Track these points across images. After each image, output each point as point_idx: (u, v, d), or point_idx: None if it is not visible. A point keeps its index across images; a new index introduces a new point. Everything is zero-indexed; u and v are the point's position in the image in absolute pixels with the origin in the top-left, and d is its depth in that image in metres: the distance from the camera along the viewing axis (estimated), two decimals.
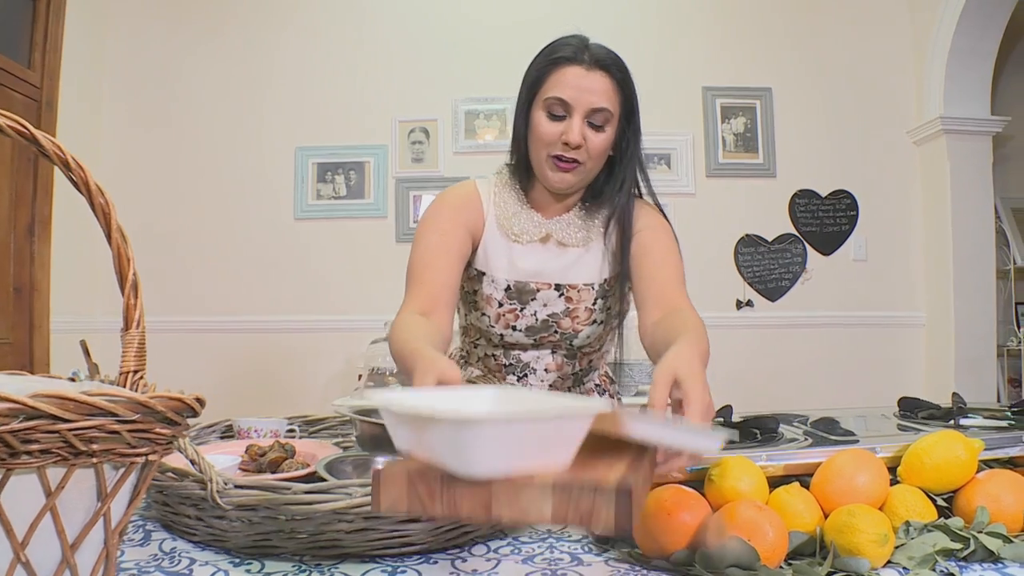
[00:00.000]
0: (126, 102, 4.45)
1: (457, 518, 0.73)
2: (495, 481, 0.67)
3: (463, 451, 0.65)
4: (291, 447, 1.25)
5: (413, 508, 0.70)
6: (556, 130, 1.48)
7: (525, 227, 1.60)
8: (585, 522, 0.66)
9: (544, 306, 1.61)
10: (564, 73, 1.49)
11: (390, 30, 4.45)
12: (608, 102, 1.48)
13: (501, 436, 0.66)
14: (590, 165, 1.52)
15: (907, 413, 1.40)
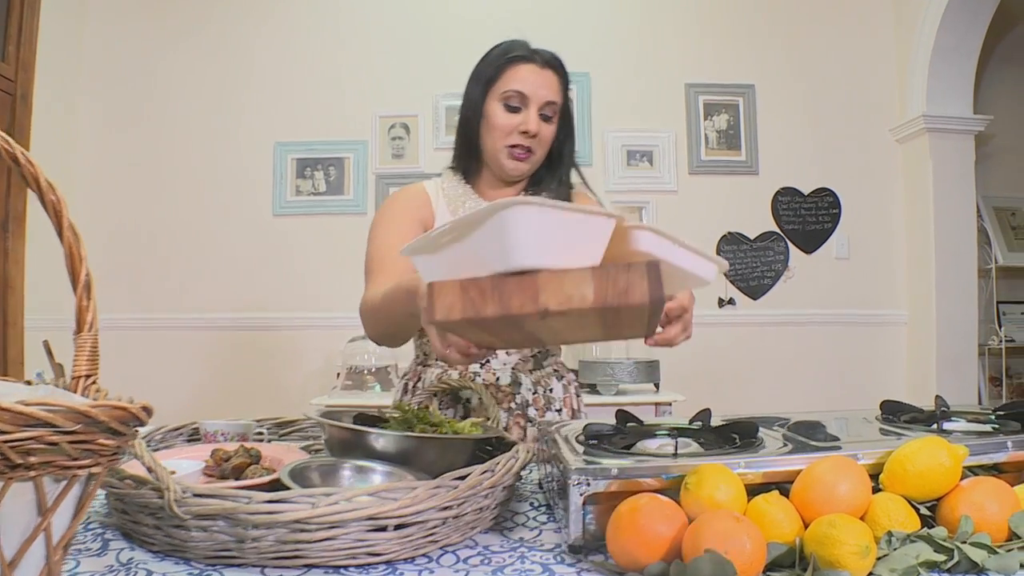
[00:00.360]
0: (103, 96, 4.40)
1: (508, 313, 0.76)
2: (540, 273, 0.74)
3: (509, 239, 0.72)
4: (256, 452, 1.21)
5: (467, 311, 0.77)
6: (514, 121, 1.67)
7: None
8: (623, 298, 0.74)
9: None
10: (520, 69, 1.68)
11: (370, 25, 4.40)
12: (557, 96, 1.70)
13: (539, 222, 0.72)
14: (540, 153, 1.72)
15: (889, 416, 1.38)
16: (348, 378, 3.66)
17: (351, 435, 1.19)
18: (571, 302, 0.75)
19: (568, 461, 1.02)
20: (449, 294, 0.78)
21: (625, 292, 0.74)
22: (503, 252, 0.73)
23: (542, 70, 1.68)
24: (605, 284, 0.75)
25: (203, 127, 4.39)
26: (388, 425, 1.28)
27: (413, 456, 1.17)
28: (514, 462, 1.12)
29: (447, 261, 0.81)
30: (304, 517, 0.90)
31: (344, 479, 1.12)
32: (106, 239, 4.30)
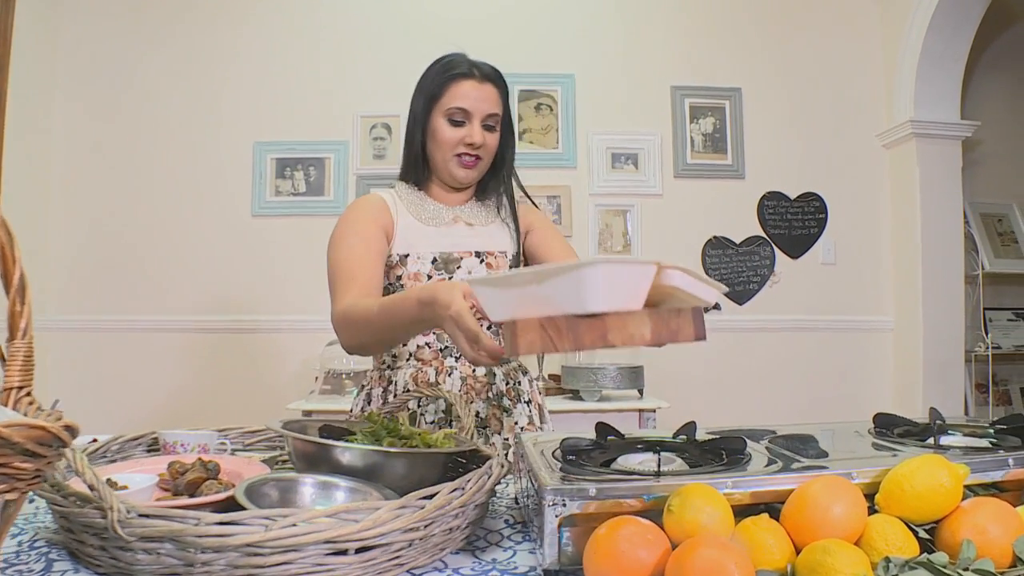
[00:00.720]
0: (79, 94, 4.31)
1: (581, 348, 0.89)
2: (607, 315, 0.88)
3: (587, 291, 0.85)
4: (215, 465, 1.14)
5: (545, 347, 0.89)
6: (459, 135, 1.76)
7: (436, 213, 1.84)
8: (673, 337, 0.92)
9: (469, 272, 1.79)
10: (462, 86, 1.76)
11: (353, 23, 4.33)
12: (497, 108, 1.79)
13: (609, 277, 0.86)
14: (486, 160, 1.82)
15: (882, 430, 1.32)
16: (326, 382, 3.59)
17: (315, 448, 1.13)
18: (632, 340, 0.89)
19: (543, 480, 0.95)
20: (530, 332, 0.89)
21: (676, 333, 0.92)
22: (579, 300, 0.86)
23: (482, 85, 1.76)
24: (660, 326, 0.91)
25: (181, 126, 4.30)
26: (355, 438, 1.21)
27: (381, 471, 1.11)
28: (487, 479, 1.05)
29: (516, 299, 0.93)
30: (257, 541, 0.83)
31: (305, 496, 1.05)
32: (82, 240, 4.22)
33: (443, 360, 1.81)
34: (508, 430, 1.80)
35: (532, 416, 1.86)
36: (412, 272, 1.76)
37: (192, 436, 1.36)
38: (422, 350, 1.80)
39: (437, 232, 1.82)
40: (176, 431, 1.36)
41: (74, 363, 4.19)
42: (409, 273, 1.76)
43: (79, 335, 4.19)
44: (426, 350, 1.80)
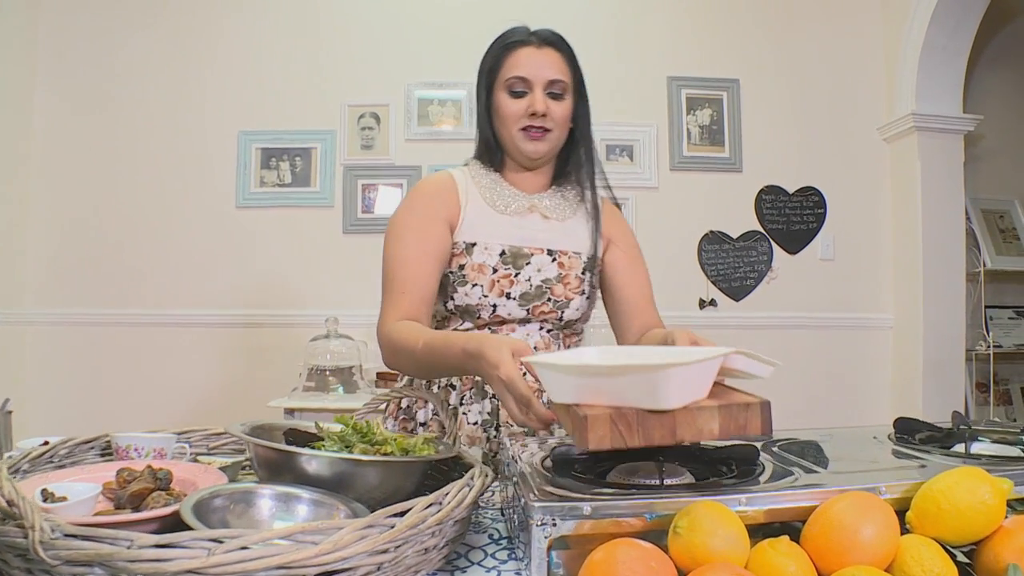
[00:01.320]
0: (60, 82, 4.19)
1: (650, 444, 0.88)
2: (677, 411, 0.88)
3: (659, 391, 0.87)
4: (166, 474, 1.02)
5: (615, 442, 0.87)
6: (521, 106, 1.63)
7: (511, 200, 1.71)
8: (742, 431, 0.90)
9: (538, 271, 1.66)
10: (518, 54, 1.65)
11: (340, 9, 4.21)
12: (561, 74, 1.65)
13: (683, 376, 0.88)
14: (557, 132, 1.66)
15: (903, 436, 1.20)
16: (310, 379, 3.47)
17: (278, 456, 1.01)
18: (701, 435, 0.90)
19: (530, 496, 0.84)
20: (601, 427, 0.87)
21: (743, 427, 0.91)
22: (652, 398, 0.88)
23: (540, 50, 1.65)
24: (728, 420, 0.90)
25: (164, 114, 4.18)
26: (322, 444, 1.10)
27: (351, 481, 0.99)
28: (468, 491, 0.94)
29: (582, 385, 0.93)
30: (198, 567, 0.72)
31: (263, 510, 0.94)
32: (61, 231, 4.11)
33: None
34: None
35: None
36: (477, 263, 1.63)
37: (148, 439, 1.24)
38: None
39: (509, 221, 1.69)
40: (130, 434, 1.25)
41: (52, 357, 4.08)
42: (474, 264, 1.63)
43: (57, 329, 4.08)
44: None
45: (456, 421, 1.35)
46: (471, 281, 1.62)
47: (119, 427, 3.85)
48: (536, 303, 1.64)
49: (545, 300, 1.65)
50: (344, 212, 4.12)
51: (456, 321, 1.68)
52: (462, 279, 1.62)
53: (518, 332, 1.66)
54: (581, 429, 0.88)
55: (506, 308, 1.63)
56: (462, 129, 4.13)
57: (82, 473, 1.11)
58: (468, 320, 1.66)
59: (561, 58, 1.66)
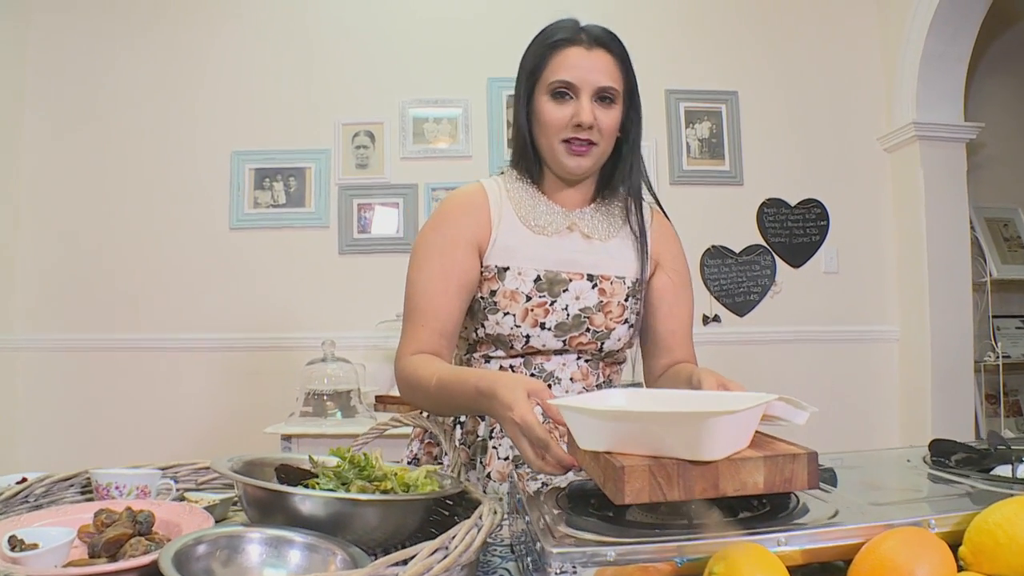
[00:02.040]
0: (49, 100, 4.13)
1: (690, 497, 0.83)
2: (720, 462, 0.83)
3: (703, 441, 0.82)
4: (147, 516, 0.94)
5: (654, 495, 0.82)
6: (565, 114, 1.46)
7: (549, 219, 1.55)
8: (787, 485, 0.85)
9: (576, 299, 1.52)
10: (565, 55, 1.48)
11: (333, 26, 4.16)
12: (613, 80, 1.48)
13: (728, 426, 0.83)
14: (603, 146, 1.50)
15: (940, 459, 1.13)
16: (307, 403, 3.39)
17: (269, 495, 0.93)
18: (745, 488, 0.84)
19: (545, 539, 0.76)
20: (639, 479, 0.82)
21: (789, 480, 0.85)
22: (695, 448, 0.83)
23: (591, 51, 1.48)
24: (774, 472, 0.85)
25: (155, 134, 4.11)
26: (317, 482, 1.02)
27: (348, 522, 0.92)
28: (476, 532, 0.86)
29: (615, 432, 0.88)
30: None
31: (251, 558, 0.85)
32: (52, 254, 4.04)
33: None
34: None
35: None
36: (509, 290, 1.49)
37: (130, 476, 1.16)
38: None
39: (546, 242, 1.53)
40: (112, 470, 1.16)
41: (42, 383, 4.00)
42: (506, 290, 1.49)
43: (48, 354, 4.00)
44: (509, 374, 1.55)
45: (459, 453, 1.27)
46: (502, 309, 1.49)
47: (112, 453, 3.78)
48: (573, 334, 1.51)
49: (583, 330, 1.51)
50: (340, 232, 4.05)
51: (488, 347, 1.56)
52: (493, 306, 1.50)
53: (553, 362, 1.54)
54: (616, 480, 0.82)
55: (540, 339, 1.50)
56: (458, 147, 4.07)
57: (58, 515, 1.03)
58: (500, 348, 1.54)
59: (613, 61, 1.49)
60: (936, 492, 0.96)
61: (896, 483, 1.04)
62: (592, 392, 1.14)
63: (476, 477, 1.52)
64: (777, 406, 0.96)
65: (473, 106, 4.08)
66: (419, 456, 1.61)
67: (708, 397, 1.03)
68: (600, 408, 0.94)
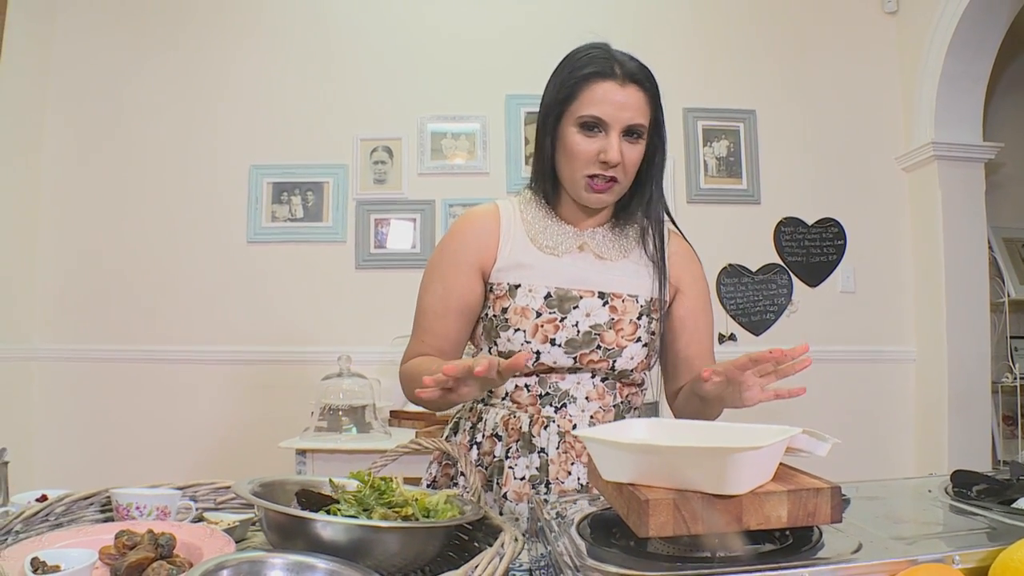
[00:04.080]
0: (71, 114, 4.16)
1: (715, 531, 0.84)
2: (744, 497, 0.84)
3: (728, 475, 0.82)
4: (168, 539, 0.95)
5: (678, 529, 0.83)
6: (593, 148, 1.46)
7: (559, 239, 1.58)
8: (811, 519, 0.86)
9: (587, 316, 1.53)
10: (597, 90, 1.47)
11: (353, 43, 4.19)
12: (643, 116, 1.48)
13: (754, 460, 0.84)
14: (625, 182, 1.52)
15: (962, 490, 1.12)
16: (322, 418, 3.39)
17: (291, 521, 0.94)
18: (768, 522, 0.85)
19: (569, 571, 0.76)
20: (663, 512, 0.83)
21: (813, 514, 0.86)
22: (719, 483, 0.83)
23: (623, 88, 1.47)
24: (797, 507, 0.85)
25: (175, 147, 4.14)
26: (338, 507, 1.02)
27: (369, 548, 0.92)
28: (498, 560, 0.86)
29: (638, 464, 0.89)
30: None
31: None
32: (71, 265, 4.07)
33: (540, 408, 1.55)
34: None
35: None
36: (520, 306, 1.52)
37: (150, 497, 1.16)
38: (520, 391, 1.56)
39: (558, 262, 1.56)
40: (132, 490, 1.17)
41: (59, 392, 4.02)
42: (517, 307, 1.52)
43: (65, 364, 4.03)
44: (524, 392, 1.56)
45: (478, 477, 1.27)
46: (513, 326, 1.51)
47: (126, 464, 3.80)
48: (584, 351, 1.52)
49: (594, 348, 1.52)
50: (357, 247, 4.06)
51: None
52: (504, 323, 1.53)
53: (568, 380, 1.55)
54: (641, 513, 0.83)
55: (551, 356, 1.51)
56: (475, 163, 4.09)
57: (79, 536, 1.04)
58: None
59: (644, 98, 1.49)
60: (959, 525, 0.95)
61: (918, 515, 1.04)
62: (613, 423, 1.13)
63: (493, 498, 1.52)
64: (800, 438, 0.96)
65: (491, 122, 4.10)
66: (437, 478, 1.62)
67: (731, 430, 1.02)
68: (625, 441, 0.95)
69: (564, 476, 1.49)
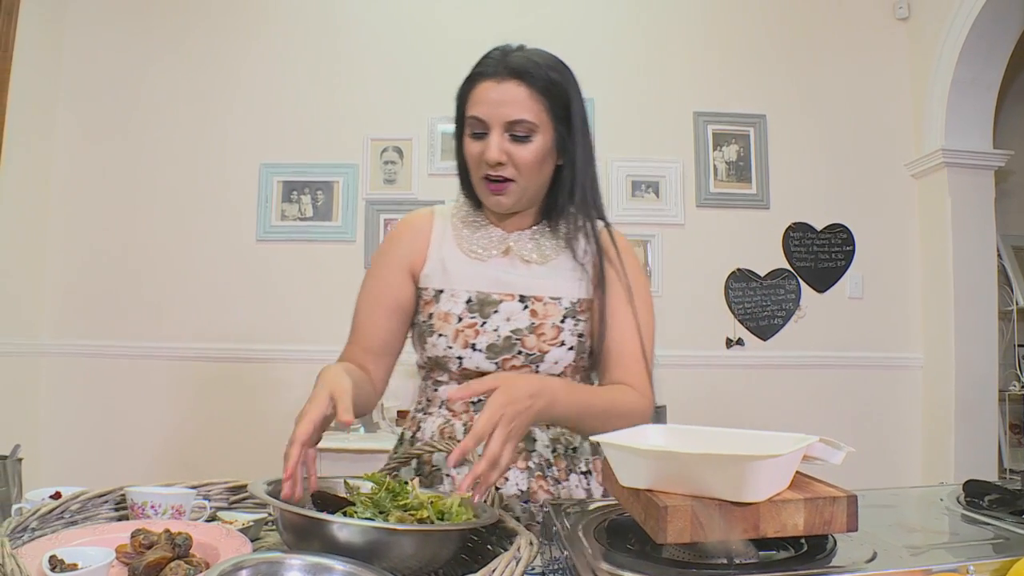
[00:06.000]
0: (82, 111, 4.19)
1: (731, 538, 0.84)
2: (761, 504, 0.84)
3: (747, 483, 0.83)
4: (185, 539, 0.95)
5: (695, 536, 0.83)
6: (477, 150, 1.44)
7: (486, 243, 1.55)
8: (827, 528, 0.86)
9: (507, 320, 1.49)
10: (478, 90, 1.44)
11: (364, 43, 4.20)
12: (526, 112, 1.41)
13: (772, 468, 0.85)
14: (523, 182, 1.45)
15: (974, 500, 1.12)
16: None
17: (307, 522, 0.94)
18: (785, 530, 0.85)
19: None
20: (682, 519, 0.83)
21: (829, 523, 0.86)
22: (738, 490, 0.84)
23: (500, 84, 1.42)
24: (814, 515, 0.86)
25: (186, 145, 4.17)
26: (354, 510, 1.03)
27: (385, 550, 0.93)
28: (515, 564, 0.86)
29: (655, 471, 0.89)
30: None
31: None
32: (80, 262, 4.09)
33: (473, 415, 1.52)
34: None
35: (592, 490, 1.55)
36: (443, 311, 1.50)
37: (164, 496, 1.17)
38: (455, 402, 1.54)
39: (482, 266, 1.53)
40: (146, 489, 1.18)
41: (67, 390, 4.04)
42: (440, 312, 1.50)
43: (73, 360, 4.04)
44: (457, 402, 1.54)
45: None
46: (437, 331, 1.50)
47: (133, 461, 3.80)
48: (505, 355, 1.48)
49: (516, 353, 1.48)
50: (366, 247, 4.07)
51: (436, 372, 1.57)
52: (430, 329, 1.52)
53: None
54: (659, 520, 0.83)
55: (472, 360, 1.49)
56: None
57: (95, 534, 1.05)
58: (444, 373, 1.55)
59: (527, 92, 1.42)
60: (972, 535, 0.96)
61: (930, 524, 1.04)
62: (628, 429, 1.12)
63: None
64: (816, 446, 0.96)
65: None
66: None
67: (747, 437, 1.02)
68: (644, 447, 0.96)
69: (502, 482, 1.45)
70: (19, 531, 1.04)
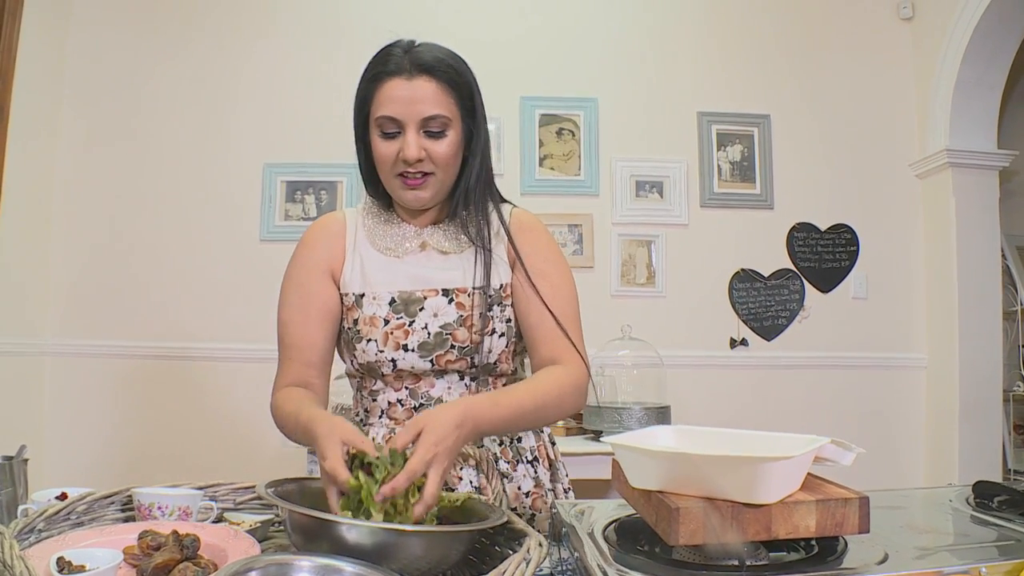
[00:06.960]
0: (85, 111, 4.17)
1: (744, 539, 0.84)
2: (773, 506, 0.85)
3: (759, 484, 0.83)
4: (193, 541, 0.95)
5: (708, 537, 0.83)
6: (393, 149, 1.42)
7: (400, 240, 1.54)
8: (838, 529, 0.87)
9: (435, 316, 1.48)
10: (387, 88, 1.43)
11: (368, 43, 4.15)
12: (440, 107, 1.43)
13: (782, 470, 0.85)
14: (441, 175, 1.46)
15: (983, 501, 1.12)
16: None
17: (315, 523, 0.94)
18: (797, 532, 0.86)
19: None
20: (693, 521, 0.83)
21: (841, 524, 0.87)
22: (750, 492, 0.84)
23: (412, 81, 1.43)
24: (825, 516, 0.86)
25: (189, 145, 4.15)
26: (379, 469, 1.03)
27: (394, 552, 0.92)
28: (525, 566, 0.86)
29: (670, 474, 0.89)
30: None
31: None
32: (83, 261, 4.08)
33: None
34: (513, 499, 1.51)
35: (540, 477, 1.56)
36: (368, 316, 1.48)
37: (171, 497, 1.17)
38: (394, 408, 1.52)
39: (400, 264, 1.52)
40: (153, 490, 1.18)
41: (71, 389, 4.03)
42: (365, 317, 1.48)
43: (76, 360, 4.04)
44: (398, 408, 1.51)
45: (499, 480, 1.27)
46: (365, 336, 1.47)
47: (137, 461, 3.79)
48: (439, 352, 1.47)
49: (448, 348, 1.47)
50: None
51: (369, 380, 1.54)
52: (357, 335, 1.48)
53: (437, 387, 1.51)
54: (671, 521, 0.84)
55: (407, 361, 1.47)
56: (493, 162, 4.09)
57: (102, 536, 1.05)
58: (377, 379, 1.52)
59: (438, 88, 1.44)
60: (982, 536, 0.95)
61: (940, 525, 1.04)
62: (638, 430, 1.11)
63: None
64: (828, 448, 0.96)
65: (506, 124, 4.10)
66: None
67: (758, 438, 1.03)
68: (655, 448, 0.96)
69: (456, 482, 1.45)
70: (26, 532, 1.04)
